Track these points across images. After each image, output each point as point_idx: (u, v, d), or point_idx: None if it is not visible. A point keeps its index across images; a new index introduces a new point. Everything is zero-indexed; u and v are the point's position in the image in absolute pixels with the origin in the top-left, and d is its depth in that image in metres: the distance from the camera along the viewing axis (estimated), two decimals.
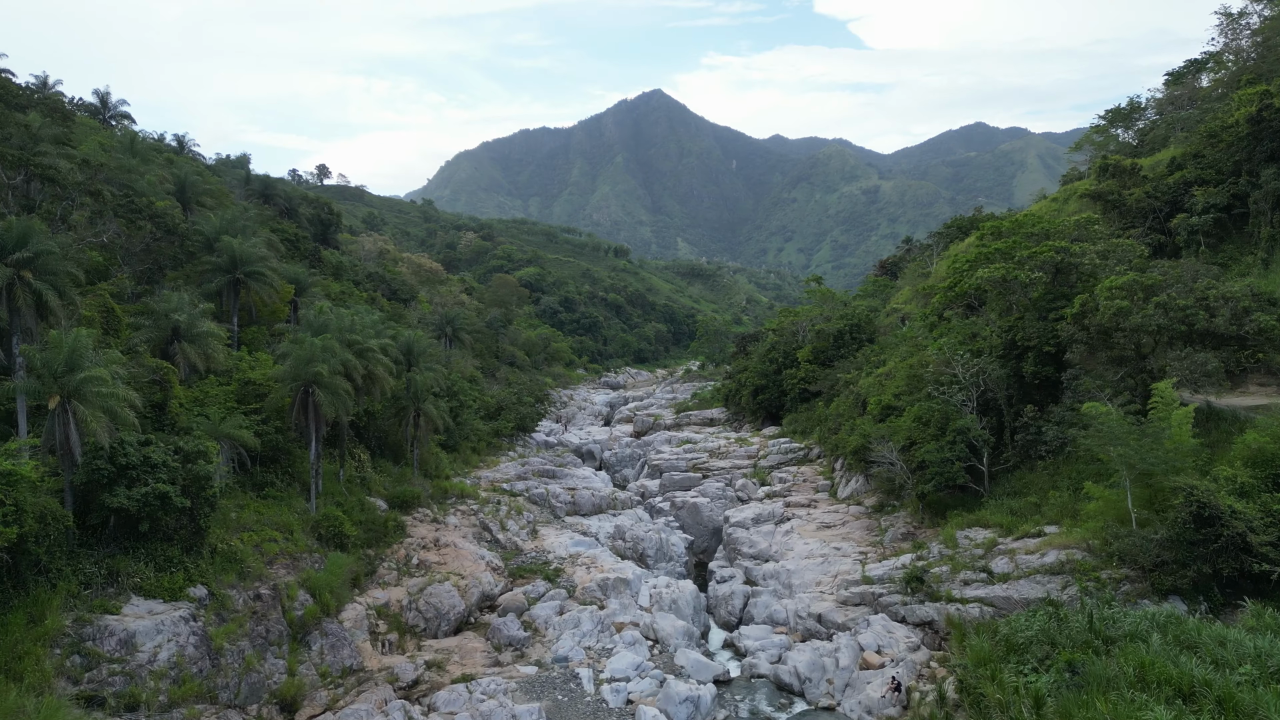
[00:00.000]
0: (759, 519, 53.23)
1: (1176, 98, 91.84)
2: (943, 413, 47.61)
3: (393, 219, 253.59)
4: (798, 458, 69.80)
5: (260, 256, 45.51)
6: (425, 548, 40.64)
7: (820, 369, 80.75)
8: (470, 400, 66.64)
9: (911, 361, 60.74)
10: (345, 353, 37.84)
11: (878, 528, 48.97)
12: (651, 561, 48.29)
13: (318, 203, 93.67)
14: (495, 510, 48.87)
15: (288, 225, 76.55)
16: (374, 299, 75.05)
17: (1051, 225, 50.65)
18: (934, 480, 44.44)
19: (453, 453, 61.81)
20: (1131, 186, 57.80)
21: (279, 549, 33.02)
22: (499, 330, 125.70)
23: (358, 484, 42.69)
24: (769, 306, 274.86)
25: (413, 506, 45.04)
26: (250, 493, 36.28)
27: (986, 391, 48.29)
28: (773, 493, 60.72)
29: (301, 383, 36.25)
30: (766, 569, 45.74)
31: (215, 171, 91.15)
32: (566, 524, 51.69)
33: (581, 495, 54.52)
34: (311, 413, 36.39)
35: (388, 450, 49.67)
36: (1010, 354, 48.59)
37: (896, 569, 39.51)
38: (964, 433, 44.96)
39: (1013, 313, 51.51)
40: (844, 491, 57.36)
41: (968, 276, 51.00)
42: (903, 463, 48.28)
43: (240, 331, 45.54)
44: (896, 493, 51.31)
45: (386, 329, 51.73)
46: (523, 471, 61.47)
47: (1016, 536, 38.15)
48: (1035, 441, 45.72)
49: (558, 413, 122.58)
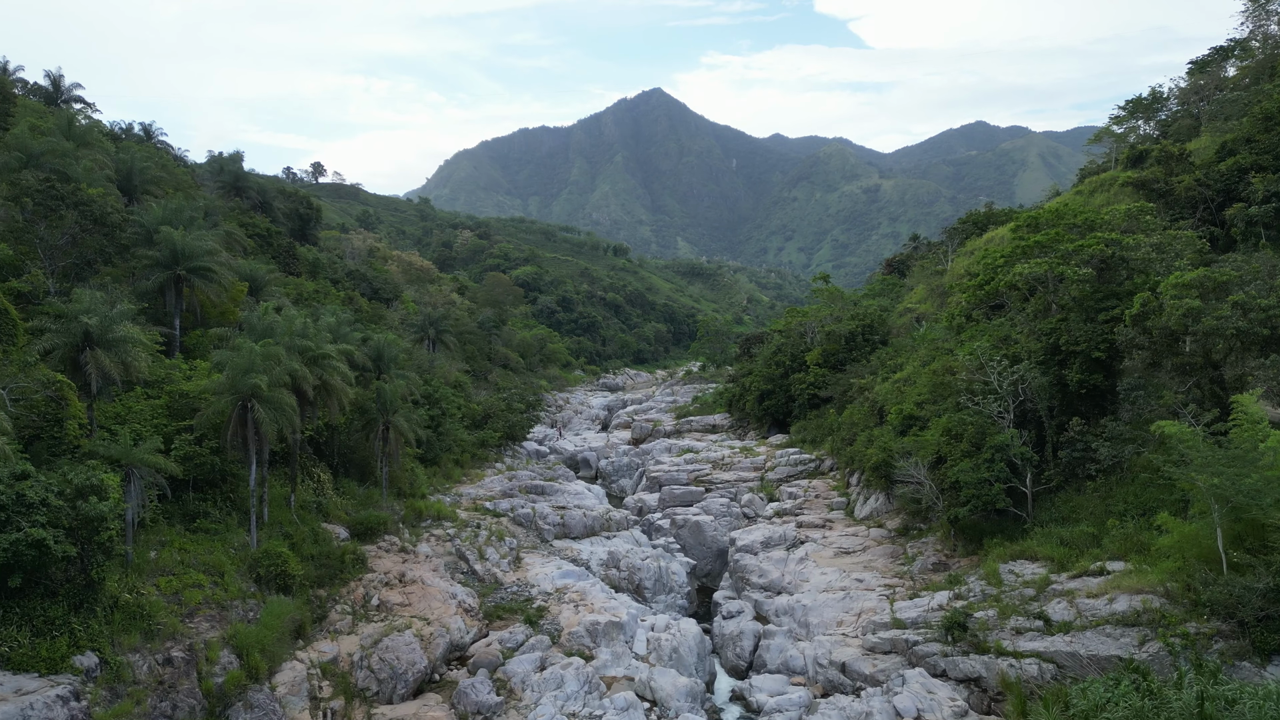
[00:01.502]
0: (769, 542, 47.89)
1: (1201, 87, 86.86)
2: (977, 426, 42.25)
3: (388, 217, 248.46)
4: (808, 470, 64.43)
5: (207, 250, 40.16)
6: (389, 584, 35.26)
7: (831, 373, 75.37)
8: (453, 408, 61.28)
9: (935, 367, 55.40)
10: (292, 361, 32.47)
11: (903, 555, 43.61)
12: (649, 593, 42.95)
13: (295, 196, 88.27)
14: (474, 535, 43.51)
15: (259, 219, 71.23)
16: (351, 299, 69.69)
17: (1095, 216, 45.33)
18: (969, 503, 39.08)
19: (432, 467, 56.46)
20: (1180, 174, 52.46)
21: (204, 596, 27.67)
22: (491, 331, 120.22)
23: (313, 510, 37.31)
24: (770, 306, 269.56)
25: (378, 534, 39.67)
26: (178, 525, 30.93)
27: (1025, 402, 42.96)
28: (782, 510, 55.38)
29: (239, 396, 30.90)
30: (779, 603, 40.41)
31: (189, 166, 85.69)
32: (555, 549, 46.34)
33: (572, 516, 49.15)
34: (251, 431, 31.04)
35: (353, 468, 44.31)
36: (1052, 360, 43.23)
37: (932, 610, 34.14)
38: (1003, 449, 39.60)
39: (1052, 313, 46.21)
40: (862, 511, 52.01)
41: (1002, 273, 45.67)
42: (931, 482, 42.94)
43: (183, 336, 40.20)
44: (923, 514, 45.98)
45: (354, 332, 46.37)
46: (509, 487, 56.10)
47: (1073, 574, 32.80)
48: (1083, 459, 40.41)
49: (552, 417, 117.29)
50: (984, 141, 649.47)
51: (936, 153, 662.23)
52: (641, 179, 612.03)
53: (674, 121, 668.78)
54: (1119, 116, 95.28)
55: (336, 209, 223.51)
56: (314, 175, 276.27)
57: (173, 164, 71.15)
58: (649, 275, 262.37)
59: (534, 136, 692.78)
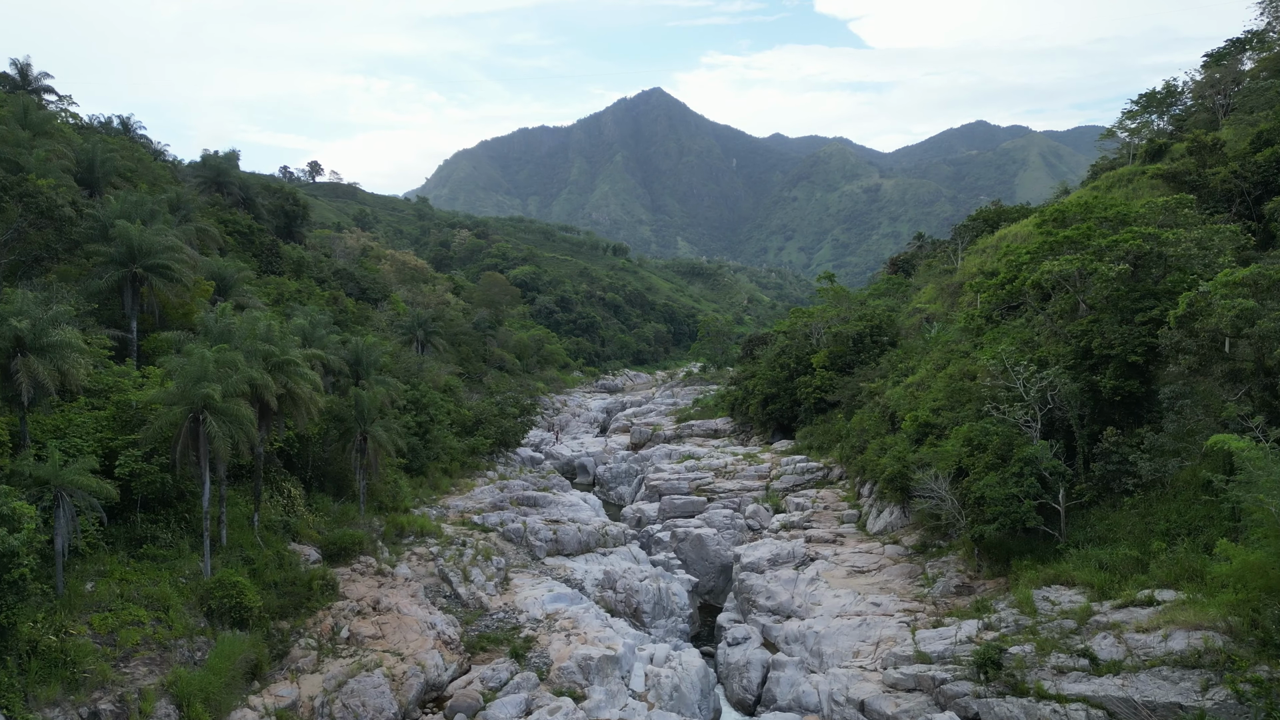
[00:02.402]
0: (776, 560, 44.67)
1: (1217, 80, 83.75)
2: (1003, 436, 39.04)
3: (386, 217, 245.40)
4: (816, 479, 61.25)
5: (167, 246, 36.90)
6: (361, 613, 32.06)
7: (838, 376, 72.21)
8: (441, 415, 58.07)
9: (951, 371, 52.23)
10: (251, 368, 29.25)
11: (922, 575, 40.39)
12: (648, 618, 39.73)
13: (281, 193, 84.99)
14: (459, 554, 40.28)
15: (241, 216, 68.05)
16: (336, 299, 66.47)
17: (1128, 209, 42.11)
18: (996, 521, 35.86)
19: (418, 477, 53.27)
20: (1215, 165, 49.24)
21: (143, 636, 24.48)
22: (486, 332, 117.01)
23: (280, 530, 34.07)
24: (771, 306, 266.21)
25: (353, 554, 36.43)
26: (122, 552, 27.73)
27: (1054, 410, 39.74)
28: (790, 523, 52.17)
29: (190, 408, 27.68)
30: (789, 629, 37.19)
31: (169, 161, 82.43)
32: (546, 567, 43.12)
33: (566, 531, 45.92)
34: (203, 446, 27.82)
35: (329, 482, 41.07)
36: (1082, 364, 40.03)
37: (961, 643, 30.93)
38: (1033, 463, 36.38)
39: (1079, 313, 43.02)
40: (875, 525, 48.80)
41: (1028, 270, 42.44)
42: (953, 497, 39.72)
43: (141, 340, 36.98)
44: (943, 531, 42.77)
45: (330, 335, 43.13)
46: (499, 499, 52.88)
47: (1118, 604, 29.60)
48: (1119, 473, 37.21)
49: (549, 420, 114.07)
50: (984, 141, 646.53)
51: (937, 152, 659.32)
52: (641, 179, 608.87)
53: (674, 121, 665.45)
54: (1132, 111, 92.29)
55: (333, 208, 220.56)
56: (311, 174, 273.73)
57: (149, 158, 67.92)
58: (649, 275, 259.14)
59: (533, 136, 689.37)
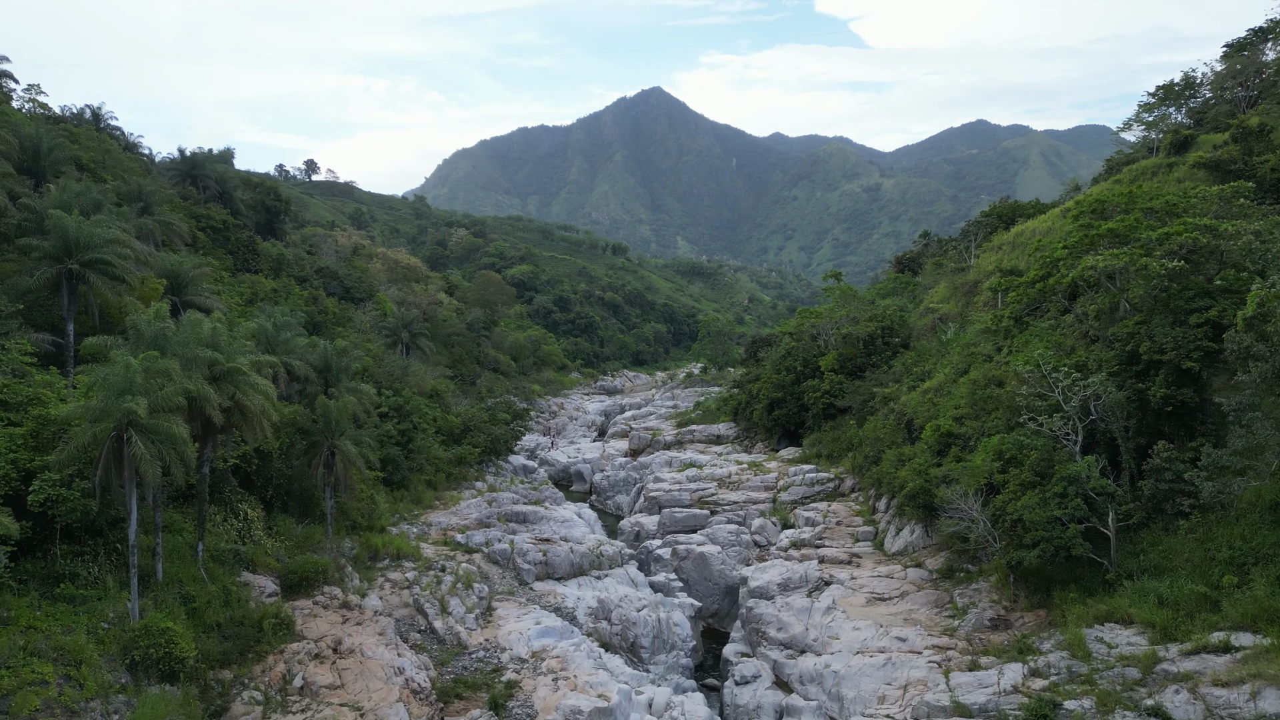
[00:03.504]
0: (787, 584, 40.74)
1: (1239, 71, 79.95)
2: (1041, 451, 35.13)
3: (383, 216, 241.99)
4: (826, 491, 57.32)
5: (109, 240, 33.00)
6: (319, 656, 28.13)
7: (848, 380, 68.29)
8: (425, 423, 54.18)
9: (974, 377, 48.37)
10: (188, 379, 25.34)
11: (951, 605, 36.46)
12: (647, 653, 35.81)
13: (262, 187, 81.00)
14: (437, 581, 36.33)
15: (215, 211, 64.15)
16: (316, 298, 62.54)
17: (1177, 199, 38.22)
18: (1038, 547, 31.94)
19: (399, 490, 49.40)
20: (1262, 152, 45.38)
21: (46, 699, 20.56)
22: (480, 333, 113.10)
23: (230, 560, 30.14)
24: (772, 306, 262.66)
25: (316, 584, 32.50)
26: (34, 593, 23.83)
27: (1097, 421, 35.82)
28: (800, 540, 48.23)
29: (113, 424, 23.76)
30: (804, 667, 33.28)
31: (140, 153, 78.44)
32: (535, 594, 39.19)
33: (557, 553, 41.97)
34: (128, 469, 23.91)
35: (294, 501, 37.13)
36: (1128, 371, 36.16)
37: (1005, 693, 27.00)
38: (1077, 481, 32.47)
39: (1120, 314, 39.15)
40: (894, 544, 44.87)
41: (1065, 266, 38.53)
42: (985, 518, 35.80)
43: (79, 344, 33.08)
44: (971, 554, 38.81)
45: (297, 338, 39.21)
46: (487, 514, 48.96)
47: (1188, 650, 25.69)
48: (1172, 492, 33.36)
49: (545, 424, 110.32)
50: (985, 140, 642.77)
51: (937, 151, 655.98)
52: (641, 178, 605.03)
53: (674, 120, 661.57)
54: (1149, 104, 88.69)
55: (329, 207, 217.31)
56: (307, 173, 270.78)
57: (117, 148, 64.00)
58: (648, 274, 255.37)
59: (533, 136, 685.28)
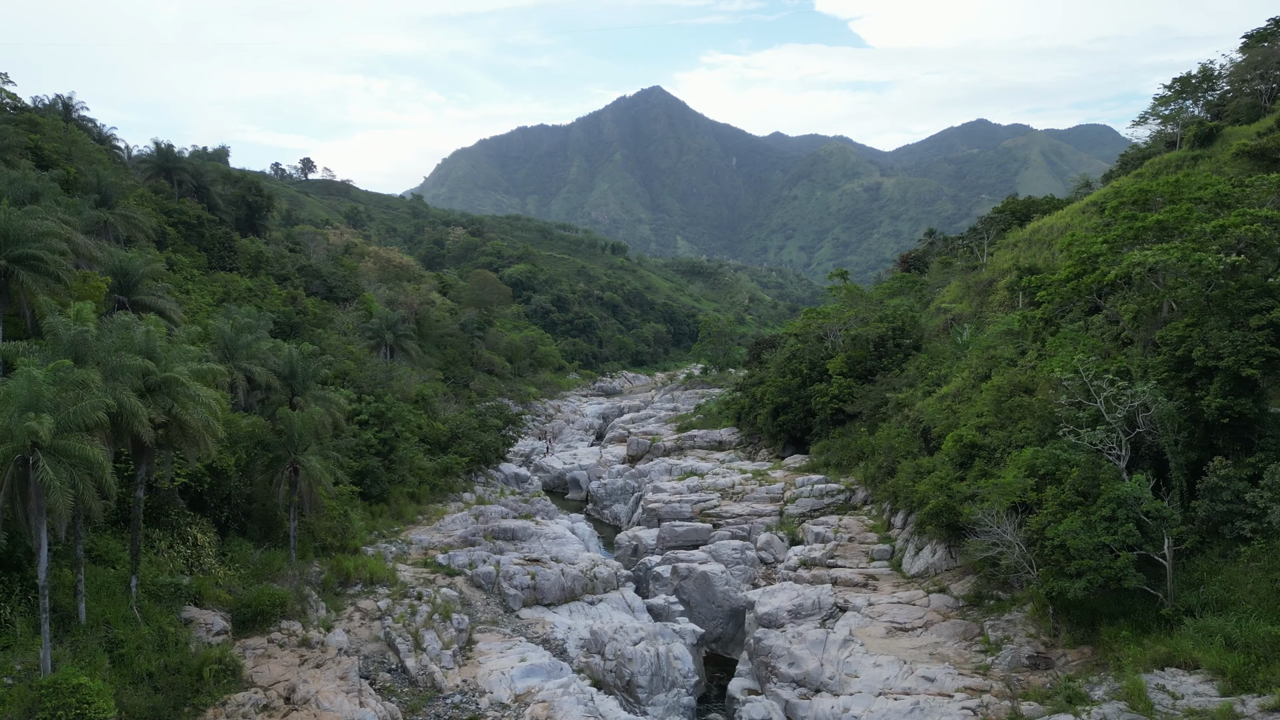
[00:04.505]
0: (798, 611, 37.21)
1: (1260, 63, 76.52)
2: (1083, 468, 31.58)
3: (380, 215, 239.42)
4: (837, 503, 53.79)
5: (41, 233, 29.51)
6: (269, 708, 24.58)
7: (857, 384, 64.78)
8: (408, 431, 50.66)
9: (998, 382, 44.82)
10: (110, 393, 21.84)
11: (982, 638, 32.91)
12: (644, 692, 32.24)
13: (243, 182, 77.47)
14: (412, 611, 32.77)
15: (189, 206, 60.61)
16: (295, 298, 58.99)
17: (1228, 189, 34.69)
18: (1084, 578, 28.40)
19: (378, 504, 45.86)
20: None
21: None
22: (474, 334, 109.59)
23: (170, 594, 26.60)
24: (772, 305, 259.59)
25: (272, 619, 28.93)
26: None
27: (1144, 434, 32.28)
28: (810, 559, 44.72)
29: (15, 448, 20.22)
30: (820, 710, 29.74)
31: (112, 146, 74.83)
32: (521, 622, 35.64)
33: (546, 576, 38.38)
34: (34, 498, 20.37)
35: (253, 523, 33.56)
36: (1178, 378, 32.67)
37: None
38: (1128, 504, 28.93)
39: (1163, 315, 35.65)
40: (913, 565, 41.33)
41: (1106, 263, 34.99)
42: (1019, 541, 32.25)
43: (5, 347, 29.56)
44: (1002, 580, 35.28)
45: (258, 341, 35.63)
46: (472, 530, 45.40)
47: (1270, 705, 22.17)
48: (1231, 514, 29.88)
49: (541, 428, 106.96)
50: (985, 140, 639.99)
51: (938, 151, 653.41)
52: (641, 177, 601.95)
53: (673, 120, 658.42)
54: (1165, 97, 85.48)
55: (325, 206, 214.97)
56: (303, 171, 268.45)
57: (84, 138, 60.41)
58: (648, 274, 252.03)
59: (532, 135, 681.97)
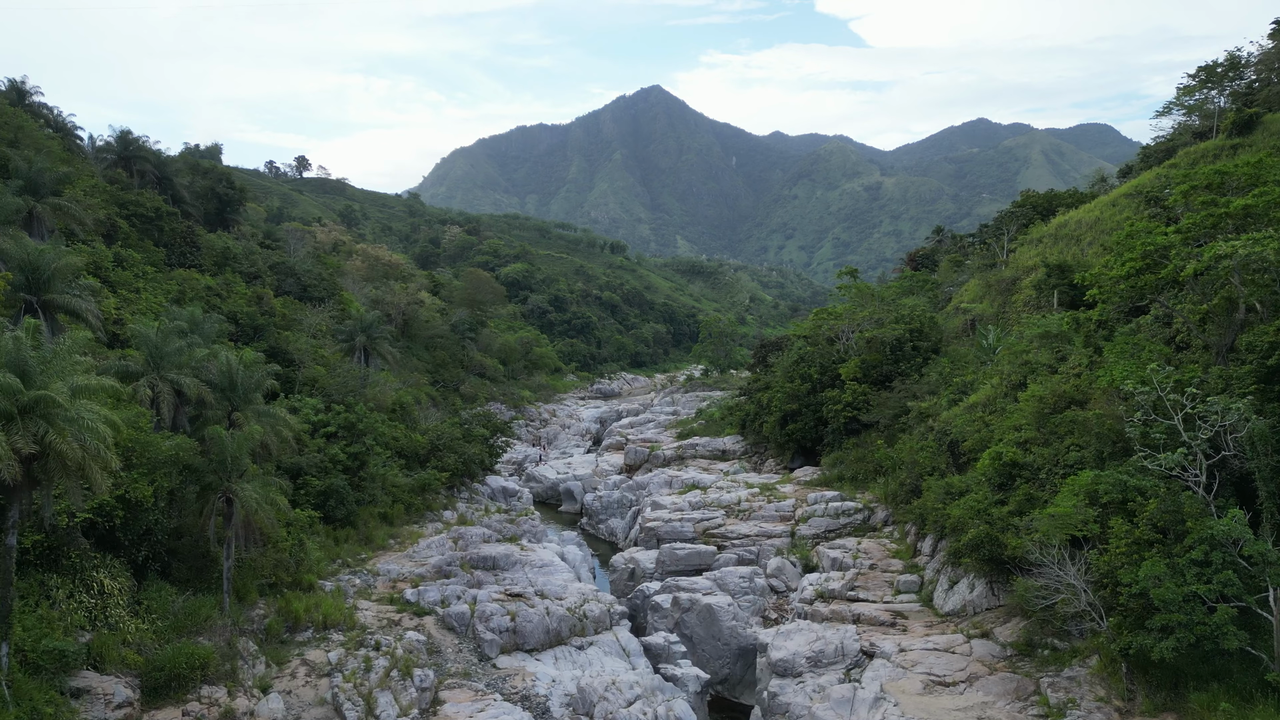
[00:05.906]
0: (818, 658, 32.29)
1: None
2: (1163, 499, 26.63)
3: (375, 213, 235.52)
4: (854, 524, 48.86)
5: None
6: None
7: (874, 390, 59.82)
8: (381, 445, 45.71)
9: (1039, 392, 39.84)
10: None
11: (1039, 698, 27.92)
12: None
13: (213, 173, 72.53)
14: (366, 666, 27.79)
15: (146, 197, 55.67)
16: (261, 297, 54.05)
17: None
18: (1173, 635, 23.45)
19: (345, 528, 40.89)
20: None
21: None
22: (465, 335, 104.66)
23: (56, 661, 21.67)
24: (773, 305, 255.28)
25: (192, 683, 23.98)
26: None
27: (1229, 458, 27.36)
28: (827, 590, 39.75)
29: None
30: None
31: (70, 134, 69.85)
32: (499, 672, 30.69)
33: (528, 617, 33.40)
34: None
35: (180, 562, 28.56)
36: (1269, 392, 27.76)
37: None
38: (1225, 546, 23.99)
39: (1238, 315, 30.79)
40: (947, 601, 36.34)
41: (1178, 256, 30.08)
42: (1084, 583, 27.29)
43: None
44: (1058, 627, 30.26)
45: (195, 349, 30.72)
46: (449, 558, 40.39)
47: None
48: None
49: (535, 433, 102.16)
50: (986, 139, 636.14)
51: (938, 150, 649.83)
52: (640, 177, 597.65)
53: (673, 119, 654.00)
54: (1189, 87, 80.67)
55: (319, 204, 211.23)
56: (298, 169, 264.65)
57: (33, 125, 55.54)
58: (647, 274, 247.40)
59: (532, 134, 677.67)
